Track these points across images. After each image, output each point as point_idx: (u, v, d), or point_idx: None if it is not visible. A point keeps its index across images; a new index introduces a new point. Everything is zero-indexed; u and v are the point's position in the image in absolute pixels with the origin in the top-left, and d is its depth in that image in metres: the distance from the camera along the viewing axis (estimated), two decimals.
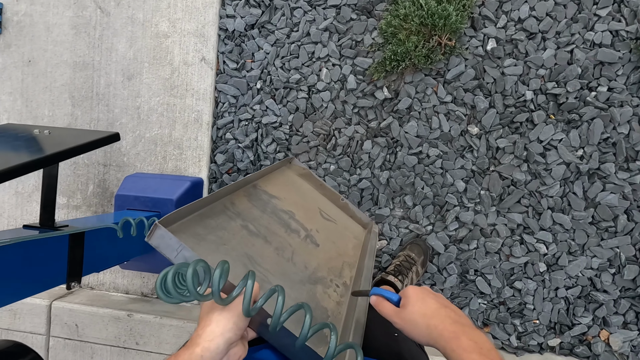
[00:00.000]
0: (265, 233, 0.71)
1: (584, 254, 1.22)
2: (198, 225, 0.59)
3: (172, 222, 0.54)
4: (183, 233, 0.54)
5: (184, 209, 0.57)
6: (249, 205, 0.77)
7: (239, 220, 0.69)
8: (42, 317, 1.39)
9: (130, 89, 1.45)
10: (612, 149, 1.19)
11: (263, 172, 0.93)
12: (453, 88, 1.26)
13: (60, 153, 0.78)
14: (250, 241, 0.66)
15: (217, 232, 0.61)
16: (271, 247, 0.69)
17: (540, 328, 1.24)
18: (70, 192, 1.50)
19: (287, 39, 1.36)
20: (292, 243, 0.75)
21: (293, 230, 0.80)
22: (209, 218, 0.63)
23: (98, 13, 1.46)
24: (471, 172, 1.26)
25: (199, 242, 0.55)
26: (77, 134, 0.89)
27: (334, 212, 1.03)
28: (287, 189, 0.97)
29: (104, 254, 1.02)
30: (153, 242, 0.47)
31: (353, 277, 0.79)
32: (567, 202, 1.22)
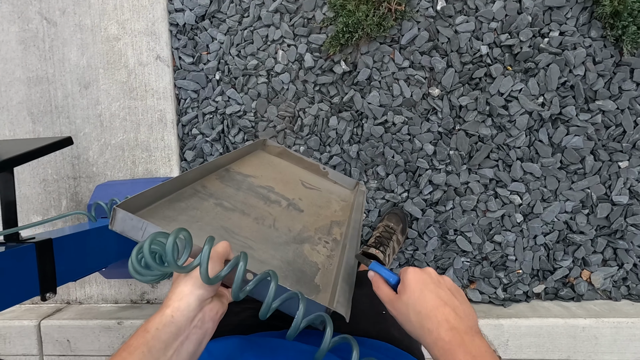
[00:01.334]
0: (242, 207, 0.70)
1: (557, 199, 1.24)
2: (167, 209, 0.58)
3: (137, 208, 0.53)
4: (151, 217, 0.53)
5: (149, 193, 0.56)
6: (222, 186, 0.75)
7: (212, 199, 0.68)
8: (33, 338, 1.38)
9: (89, 97, 1.42)
10: (571, 92, 1.21)
11: (235, 155, 0.90)
12: (409, 53, 1.25)
13: (9, 160, 0.77)
14: (226, 216, 0.65)
15: (188, 212, 0.60)
16: (250, 218, 0.67)
17: (524, 277, 1.26)
18: (43, 209, 1.48)
19: (239, 26, 1.34)
20: (273, 212, 0.73)
21: (273, 201, 0.78)
22: (179, 202, 0.61)
23: (44, 24, 1.42)
24: (438, 134, 1.27)
25: (168, 223, 0.54)
26: (28, 142, 0.87)
27: (317, 181, 1.01)
28: (263, 167, 0.94)
29: (78, 261, 1.00)
30: (116, 227, 0.47)
31: (343, 232, 0.77)
32: (534, 150, 1.24)
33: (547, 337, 1.15)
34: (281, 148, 1.06)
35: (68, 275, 0.97)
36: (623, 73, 1.18)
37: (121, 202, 0.49)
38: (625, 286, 1.25)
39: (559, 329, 1.15)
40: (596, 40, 1.19)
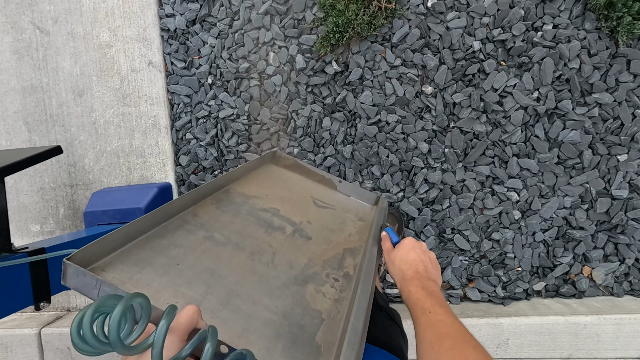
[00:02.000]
0: (236, 239, 0.62)
1: (555, 195, 1.22)
2: (143, 249, 0.51)
3: (103, 254, 0.46)
4: (120, 263, 0.47)
5: (120, 233, 0.49)
6: (218, 213, 0.67)
7: (201, 232, 0.60)
8: (34, 346, 1.39)
9: (83, 105, 1.43)
10: (567, 86, 1.19)
11: (240, 171, 0.81)
12: (401, 51, 1.24)
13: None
14: (214, 252, 0.57)
15: (169, 252, 0.53)
16: (244, 254, 0.60)
17: (524, 274, 1.25)
18: (41, 218, 1.49)
19: (230, 29, 1.34)
20: (274, 243, 0.65)
21: (276, 228, 0.69)
22: (161, 238, 0.55)
23: (37, 34, 1.43)
24: (432, 132, 1.26)
25: (141, 269, 0.48)
26: (18, 152, 0.88)
27: (331, 197, 0.90)
28: (269, 185, 0.85)
29: None
30: (69, 283, 0.40)
31: (358, 264, 0.68)
32: (530, 146, 1.22)
33: (548, 335, 1.13)
34: (292, 160, 0.96)
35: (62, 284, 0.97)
36: (619, 65, 1.16)
37: (76, 252, 0.42)
38: (627, 282, 1.23)
39: (559, 326, 1.13)
40: (591, 32, 1.17)
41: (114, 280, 0.43)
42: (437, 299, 0.51)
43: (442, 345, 0.43)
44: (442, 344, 0.43)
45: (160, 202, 1.33)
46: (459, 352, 0.41)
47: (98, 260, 0.46)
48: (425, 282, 0.55)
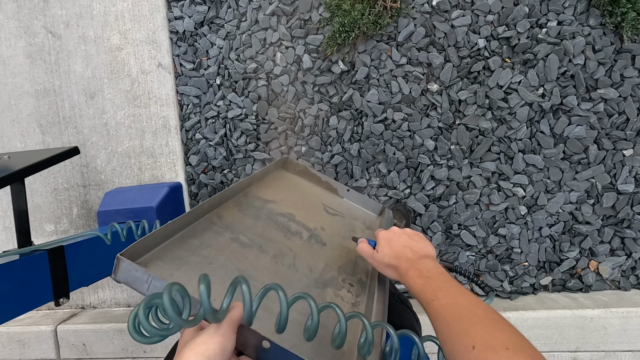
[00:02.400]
0: (259, 242, 0.65)
1: (561, 190, 1.24)
2: (178, 248, 0.54)
3: (144, 251, 0.49)
4: (160, 260, 0.50)
5: (159, 233, 0.52)
6: (240, 215, 0.70)
7: (227, 233, 0.63)
8: (50, 343, 1.42)
9: (95, 107, 1.46)
10: (572, 82, 1.20)
11: (254, 177, 0.85)
12: (406, 49, 1.26)
13: (18, 172, 0.80)
14: (242, 254, 0.60)
15: (201, 252, 0.56)
16: (268, 256, 0.62)
17: (530, 269, 1.26)
18: (56, 218, 1.52)
19: (238, 30, 1.36)
20: (293, 247, 0.68)
21: (294, 232, 0.72)
22: (192, 238, 0.58)
23: (50, 38, 1.47)
24: (438, 129, 1.27)
25: (179, 266, 0.50)
26: (37, 153, 0.91)
27: (340, 204, 0.94)
28: (283, 190, 0.89)
29: (90, 267, 1.03)
30: (120, 277, 0.42)
31: (369, 270, 0.70)
32: (536, 142, 1.23)
33: (555, 329, 1.14)
34: (302, 167, 1.00)
35: (80, 281, 1.00)
36: (624, 60, 1.17)
37: (127, 249, 0.44)
38: (634, 275, 1.23)
39: (566, 320, 1.14)
40: (595, 28, 1.18)
41: (157, 275, 0.45)
42: (436, 280, 0.50)
43: (452, 334, 0.41)
44: (451, 332, 0.41)
45: (171, 201, 1.36)
46: (466, 335, 0.39)
47: (141, 257, 0.48)
48: (419, 265, 0.53)
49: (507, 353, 0.34)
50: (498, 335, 0.37)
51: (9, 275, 0.82)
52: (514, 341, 0.36)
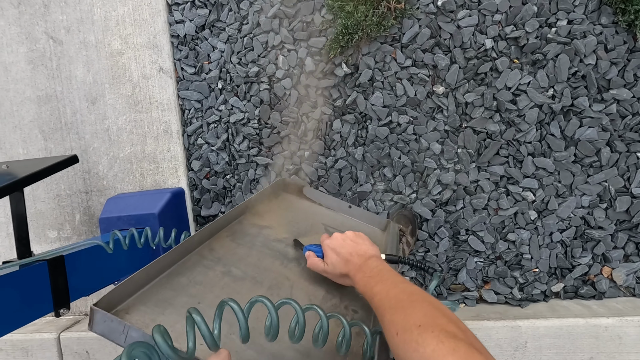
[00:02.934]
0: (253, 273, 0.62)
1: (573, 194, 1.20)
2: (164, 288, 0.51)
3: (126, 296, 0.47)
4: (142, 305, 0.47)
5: (141, 275, 0.49)
6: (233, 246, 0.68)
7: (219, 267, 0.61)
8: (53, 350, 1.41)
9: (96, 112, 1.45)
10: (583, 82, 1.16)
11: (250, 202, 0.81)
12: (411, 51, 1.23)
13: (17, 182, 0.79)
14: (234, 288, 0.58)
15: (189, 290, 0.53)
16: (262, 288, 0.60)
17: (541, 276, 1.22)
18: (58, 224, 1.51)
19: (239, 34, 1.34)
20: (291, 275, 0.65)
21: (291, 259, 0.69)
22: (180, 275, 0.56)
23: (51, 43, 1.46)
24: (444, 132, 1.24)
25: (163, 310, 0.48)
26: (36, 162, 0.89)
27: (343, 223, 0.91)
28: (281, 213, 0.86)
29: (90, 276, 1.02)
30: (96, 329, 0.41)
31: None
32: (546, 144, 1.20)
33: (568, 338, 1.11)
34: (302, 186, 0.98)
35: (81, 291, 0.99)
36: (638, 59, 1.13)
37: (102, 297, 0.42)
38: None
39: (580, 329, 1.10)
40: (607, 27, 1.14)
41: (137, 323, 0.43)
42: (374, 277, 0.51)
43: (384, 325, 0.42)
44: (384, 323, 0.42)
45: (174, 208, 1.35)
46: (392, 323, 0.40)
47: (121, 303, 0.46)
48: (364, 267, 0.55)
49: (418, 330, 0.35)
50: (414, 315, 0.38)
51: (9, 286, 0.81)
52: (427, 316, 0.37)
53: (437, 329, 0.34)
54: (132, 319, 0.45)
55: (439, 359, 0.31)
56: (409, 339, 0.35)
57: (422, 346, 0.33)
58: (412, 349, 0.34)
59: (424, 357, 0.33)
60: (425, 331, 0.35)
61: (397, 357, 0.38)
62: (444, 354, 0.31)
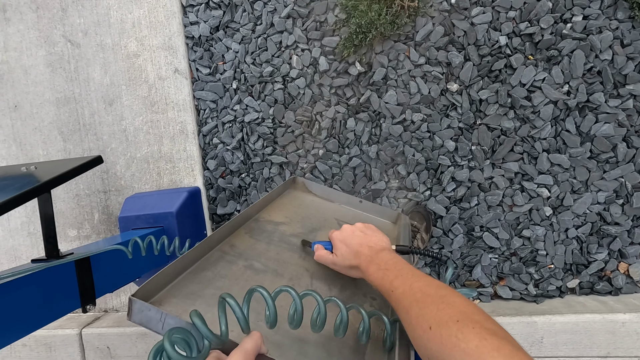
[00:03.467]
0: (274, 266, 0.65)
1: (589, 190, 1.20)
2: (191, 282, 0.54)
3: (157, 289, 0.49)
4: (173, 297, 0.50)
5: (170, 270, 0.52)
6: (252, 242, 0.71)
7: (241, 261, 0.63)
8: (75, 346, 1.45)
9: (114, 113, 1.48)
10: (599, 78, 1.16)
11: (264, 201, 0.85)
12: (425, 49, 1.23)
13: (45, 183, 0.81)
14: (257, 280, 0.60)
15: (215, 283, 0.56)
16: (284, 280, 0.62)
17: (557, 272, 1.23)
18: (78, 223, 1.55)
19: (253, 34, 1.36)
20: (309, 267, 0.67)
21: (308, 252, 0.72)
22: (205, 270, 0.58)
23: (69, 46, 1.49)
24: (458, 129, 1.24)
25: (193, 301, 0.50)
26: (62, 163, 0.92)
27: (354, 217, 0.93)
28: (294, 210, 0.89)
29: (114, 274, 1.05)
30: (134, 318, 0.43)
31: None
32: (561, 141, 1.19)
33: (584, 334, 1.11)
34: (312, 184, 1.00)
35: (106, 288, 1.02)
36: None
37: (138, 289, 0.45)
38: None
39: (596, 324, 1.11)
40: (623, 22, 1.13)
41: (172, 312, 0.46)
42: (392, 271, 0.51)
43: (411, 319, 0.41)
44: (410, 317, 0.42)
45: (190, 206, 1.37)
46: (422, 317, 0.39)
47: (154, 295, 0.49)
48: (377, 260, 0.54)
49: (457, 325, 0.35)
50: (449, 310, 0.38)
51: (40, 284, 0.84)
52: (463, 312, 0.37)
53: (478, 325, 0.34)
54: (165, 309, 0.47)
55: (483, 355, 0.31)
56: (447, 333, 0.35)
57: (463, 342, 0.33)
58: (451, 344, 0.34)
59: (467, 352, 0.32)
60: (465, 326, 0.34)
61: (429, 351, 0.38)
62: (488, 351, 0.31)
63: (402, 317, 0.44)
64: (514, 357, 0.31)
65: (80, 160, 0.92)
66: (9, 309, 0.76)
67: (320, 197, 0.99)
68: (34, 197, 0.82)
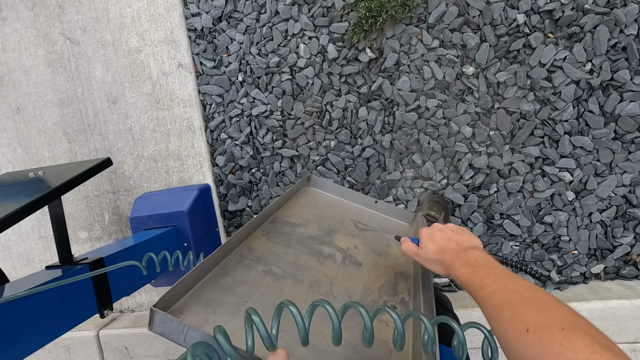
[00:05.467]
0: (293, 271, 0.64)
1: (613, 172, 1.15)
2: (211, 289, 0.53)
3: (178, 297, 0.48)
4: (194, 305, 0.49)
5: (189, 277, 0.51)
6: (270, 245, 0.70)
7: (259, 266, 0.62)
8: (94, 347, 1.45)
9: (118, 112, 1.44)
10: (623, 54, 1.10)
11: (280, 201, 0.84)
12: (438, 31, 1.18)
13: (56, 189, 0.79)
14: (277, 287, 0.59)
15: (235, 290, 0.55)
16: (303, 286, 0.61)
17: (580, 257, 1.19)
18: (89, 225, 1.53)
19: (257, 23, 1.31)
20: (328, 272, 0.66)
21: (326, 256, 0.70)
22: (224, 276, 0.57)
23: (68, 44, 1.45)
24: (475, 114, 1.20)
25: (214, 309, 0.49)
26: (71, 167, 0.89)
27: (370, 218, 0.91)
28: (310, 210, 0.87)
29: (129, 278, 1.03)
30: (156, 329, 0.42)
31: (411, 288, 0.67)
32: (584, 122, 1.15)
33: (612, 320, 1.08)
34: (328, 182, 0.98)
35: (122, 292, 1.00)
36: None
37: (160, 299, 0.44)
38: None
39: (624, 310, 1.08)
40: None
41: (192, 323, 0.44)
42: (483, 268, 0.48)
43: (503, 319, 0.39)
44: (503, 317, 0.39)
45: (202, 204, 1.35)
46: (518, 318, 0.37)
47: (174, 304, 0.47)
48: (465, 257, 0.52)
49: (562, 333, 0.32)
50: (552, 315, 0.34)
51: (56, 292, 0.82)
52: (570, 320, 0.33)
53: (588, 337, 0.31)
54: (186, 318, 0.46)
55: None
56: (549, 339, 0.32)
57: (570, 351, 0.30)
58: (554, 351, 0.31)
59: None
60: (572, 335, 0.31)
61: (522, 354, 0.35)
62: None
63: (491, 315, 0.42)
64: None
65: (89, 164, 0.89)
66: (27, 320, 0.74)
67: (335, 196, 0.97)
68: (45, 204, 0.79)
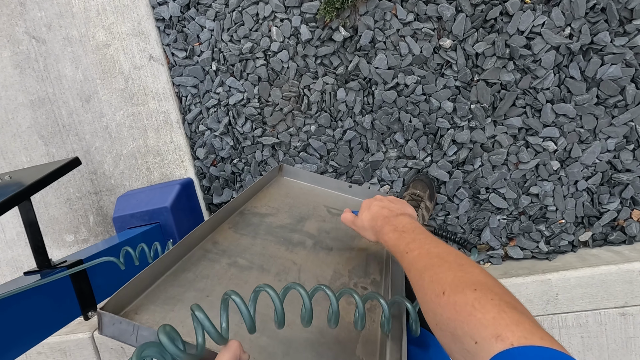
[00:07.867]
0: (260, 262, 0.62)
1: (597, 138, 1.14)
2: (171, 285, 0.51)
3: (134, 296, 0.47)
4: (151, 304, 0.47)
5: (146, 274, 0.49)
6: (237, 237, 0.68)
7: (224, 259, 0.61)
8: (90, 349, 1.45)
9: (92, 110, 1.40)
10: (603, 16, 1.07)
11: (249, 192, 0.82)
12: (412, 4, 1.14)
13: (25, 190, 0.76)
14: (241, 278, 0.57)
15: (197, 285, 0.53)
16: (270, 275, 0.60)
17: (568, 226, 1.19)
18: (74, 228, 1.51)
19: (227, 8, 1.26)
20: (297, 259, 0.65)
21: (296, 243, 0.69)
22: (186, 271, 0.56)
23: (34, 44, 1.39)
24: (455, 88, 1.17)
25: (173, 306, 0.48)
26: (38, 169, 0.87)
27: (345, 202, 0.90)
28: (281, 200, 0.86)
29: (112, 277, 1.02)
30: (106, 332, 0.40)
31: (383, 268, 0.67)
32: (565, 89, 1.12)
33: (600, 286, 1.09)
34: (300, 170, 0.97)
35: (105, 291, 0.99)
36: None
37: (109, 300, 0.42)
38: None
39: (612, 276, 1.08)
40: None
41: (147, 322, 0.42)
42: (409, 234, 0.50)
43: (424, 283, 0.40)
44: (423, 281, 0.40)
45: (185, 199, 1.33)
46: (437, 281, 0.38)
47: (129, 304, 0.45)
48: (395, 222, 0.54)
49: (474, 295, 0.33)
50: (467, 277, 0.36)
51: (34, 297, 0.80)
52: (482, 282, 0.35)
53: (497, 297, 0.32)
54: (141, 318, 0.44)
55: (501, 328, 0.29)
56: (462, 301, 0.33)
57: (479, 312, 0.31)
58: (466, 312, 0.32)
59: (482, 323, 0.30)
60: (483, 297, 0.32)
61: (438, 316, 0.36)
62: (507, 324, 0.29)
63: (414, 280, 0.42)
64: (534, 332, 0.28)
65: (56, 164, 0.86)
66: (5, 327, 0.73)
67: (309, 183, 0.95)
68: (12, 206, 0.77)
